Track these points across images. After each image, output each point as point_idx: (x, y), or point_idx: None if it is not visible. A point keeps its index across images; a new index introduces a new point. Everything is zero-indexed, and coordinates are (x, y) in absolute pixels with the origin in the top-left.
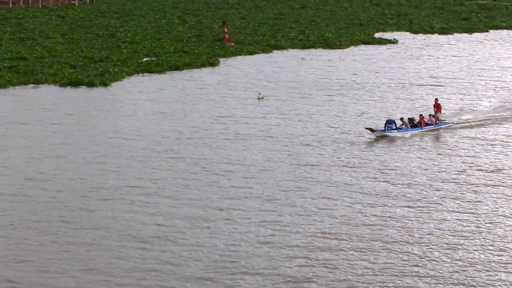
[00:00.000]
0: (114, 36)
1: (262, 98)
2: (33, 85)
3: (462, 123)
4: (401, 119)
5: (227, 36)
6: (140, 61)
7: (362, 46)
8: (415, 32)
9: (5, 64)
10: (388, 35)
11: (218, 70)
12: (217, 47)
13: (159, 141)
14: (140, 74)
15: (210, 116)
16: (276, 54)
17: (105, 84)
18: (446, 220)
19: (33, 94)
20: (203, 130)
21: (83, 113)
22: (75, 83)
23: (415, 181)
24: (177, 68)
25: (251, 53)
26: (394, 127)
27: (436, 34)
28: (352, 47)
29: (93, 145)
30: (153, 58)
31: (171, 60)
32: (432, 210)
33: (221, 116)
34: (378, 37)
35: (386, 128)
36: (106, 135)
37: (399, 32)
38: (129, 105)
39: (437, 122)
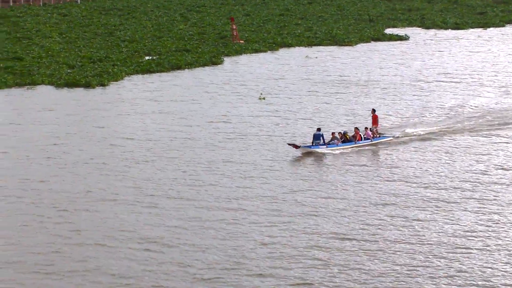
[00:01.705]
0: (113, 35)
1: (264, 98)
2: (26, 86)
3: (406, 136)
4: (332, 134)
5: (235, 33)
6: (140, 60)
7: (371, 43)
8: (427, 28)
9: (1, 65)
10: (399, 31)
11: (221, 69)
12: (221, 45)
13: (161, 142)
14: (140, 74)
15: (211, 116)
16: (282, 52)
17: (102, 85)
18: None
19: (28, 96)
20: (204, 130)
21: (80, 115)
22: (71, 84)
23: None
24: (178, 67)
25: (256, 51)
26: (322, 143)
27: (449, 29)
28: (361, 43)
29: (93, 147)
30: (154, 57)
31: (173, 59)
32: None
33: (223, 115)
34: (389, 33)
35: (313, 144)
36: (105, 136)
37: (410, 28)
38: (128, 105)
39: (375, 136)
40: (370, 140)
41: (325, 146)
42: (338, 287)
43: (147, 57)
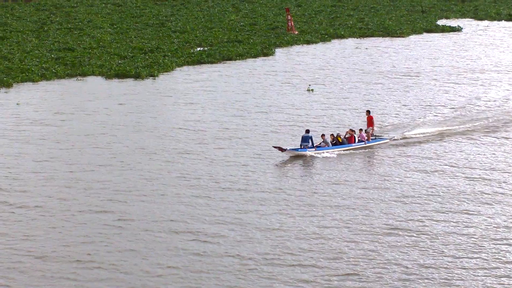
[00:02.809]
0: (165, 26)
1: (312, 90)
2: (76, 77)
3: (404, 138)
4: (322, 136)
5: (290, 24)
6: (191, 51)
7: (424, 34)
8: (481, 19)
9: (52, 56)
10: (451, 23)
11: (273, 60)
12: (272, 36)
13: (211, 132)
14: (191, 65)
15: (260, 106)
16: (334, 43)
17: (152, 76)
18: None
19: (78, 86)
20: (254, 121)
21: (129, 105)
22: (121, 75)
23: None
24: (229, 58)
25: (308, 42)
26: (311, 145)
27: (503, 21)
28: (414, 35)
29: (143, 137)
30: (206, 48)
31: (224, 50)
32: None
33: (272, 106)
34: (441, 25)
35: (301, 147)
36: (156, 126)
37: (463, 19)
38: (179, 95)
39: (370, 138)
40: (364, 143)
41: (314, 149)
42: (383, 278)
43: (198, 48)
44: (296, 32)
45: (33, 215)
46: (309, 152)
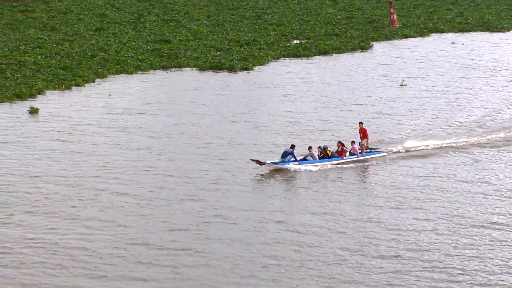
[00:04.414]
0: (261, 18)
1: (405, 85)
2: (170, 69)
3: (404, 152)
4: (309, 148)
5: (393, 17)
6: (287, 44)
7: None
8: None
9: (148, 47)
10: None
11: (370, 54)
12: (370, 29)
13: (305, 123)
14: (287, 58)
15: (352, 99)
16: (433, 37)
17: (246, 68)
18: None
19: (172, 78)
20: (343, 113)
21: (223, 96)
22: (215, 67)
23: None
24: (326, 52)
25: (406, 37)
26: (294, 159)
27: None
28: None
29: (241, 127)
30: (302, 41)
31: (320, 43)
32: None
33: (363, 99)
34: None
35: (282, 161)
36: (250, 117)
37: None
38: (273, 88)
39: (363, 151)
40: (356, 156)
41: (297, 163)
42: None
43: (294, 41)
44: (398, 26)
45: (129, 203)
46: (292, 166)
